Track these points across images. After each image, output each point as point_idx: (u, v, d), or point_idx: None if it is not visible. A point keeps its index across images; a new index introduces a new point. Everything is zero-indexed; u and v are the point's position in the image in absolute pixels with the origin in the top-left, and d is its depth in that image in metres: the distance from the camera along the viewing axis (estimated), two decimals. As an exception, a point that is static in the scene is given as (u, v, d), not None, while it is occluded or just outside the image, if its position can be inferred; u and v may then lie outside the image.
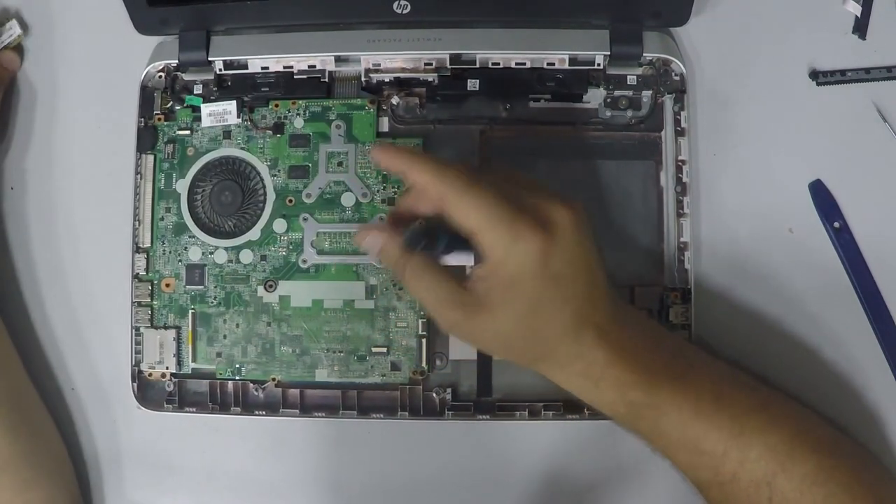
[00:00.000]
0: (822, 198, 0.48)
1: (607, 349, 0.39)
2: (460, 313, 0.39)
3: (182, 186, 0.49)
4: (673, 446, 0.40)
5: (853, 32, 0.49)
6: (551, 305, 0.38)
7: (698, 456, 0.40)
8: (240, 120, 0.48)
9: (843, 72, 0.48)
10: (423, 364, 0.47)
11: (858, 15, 0.48)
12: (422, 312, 0.47)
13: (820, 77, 0.48)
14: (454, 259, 0.42)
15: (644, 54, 0.47)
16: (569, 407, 0.46)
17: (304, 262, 0.48)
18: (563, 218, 0.38)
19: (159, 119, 0.49)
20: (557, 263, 0.38)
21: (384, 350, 0.47)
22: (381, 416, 0.47)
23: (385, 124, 0.48)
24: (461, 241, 0.39)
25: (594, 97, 0.48)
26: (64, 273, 0.49)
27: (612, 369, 0.39)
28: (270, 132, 0.48)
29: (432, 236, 0.40)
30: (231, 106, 0.48)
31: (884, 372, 0.47)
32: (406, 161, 0.39)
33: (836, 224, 0.47)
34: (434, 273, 0.40)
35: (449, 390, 0.47)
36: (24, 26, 0.51)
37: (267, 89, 0.49)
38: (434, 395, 0.47)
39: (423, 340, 0.47)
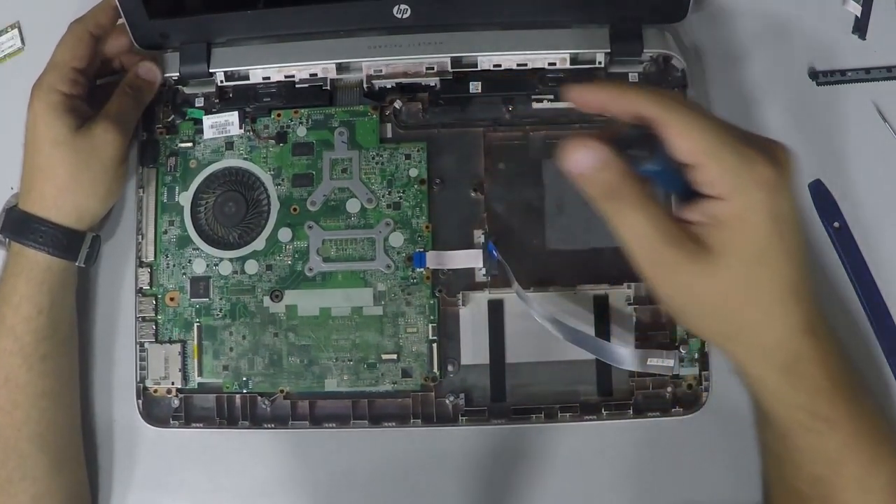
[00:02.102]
0: (822, 198, 0.47)
1: (813, 343, 0.35)
2: (680, 255, 0.33)
3: (185, 199, 0.48)
4: (817, 462, 0.36)
5: (853, 32, 0.49)
6: (776, 257, 0.33)
7: (836, 477, 0.36)
8: (242, 130, 0.48)
9: (843, 72, 0.48)
10: (435, 370, 0.46)
11: (858, 15, 0.49)
12: (432, 318, 0.46)
13: (820, 77, 0.48)
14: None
15: (644, 50, 0.47)
16: (585, 408, 0.45)
17: (311, 270, 0.47)
18: (786, 156, 0.33)
19: (161, 133, 0.49)
20: (783, 206, 0.32)
21: (394, 357, 0.46)
22: (394, 424, 0.46)
23: (389, 130, 0.48)
24: (672, 171, 0.33)
25: (597, 96, 0.48)
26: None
27: (814, 369, 0.35)
28: (273, 141, 0.48)
29: (649, 148, 0.33)
30: (233, 116, 0.48)
31: (883, 371, 0.46)
32: (612, 93, 0.34)
33: (836, 224, 0.47)
34: (654, 204, 0.33)
35: (462, 396, 0.46)
36: (23, 40, 0.51)
37: (269, 99, 0.48)
38: (447, 401, 0.46)
39: (434, 346, 0.46)
